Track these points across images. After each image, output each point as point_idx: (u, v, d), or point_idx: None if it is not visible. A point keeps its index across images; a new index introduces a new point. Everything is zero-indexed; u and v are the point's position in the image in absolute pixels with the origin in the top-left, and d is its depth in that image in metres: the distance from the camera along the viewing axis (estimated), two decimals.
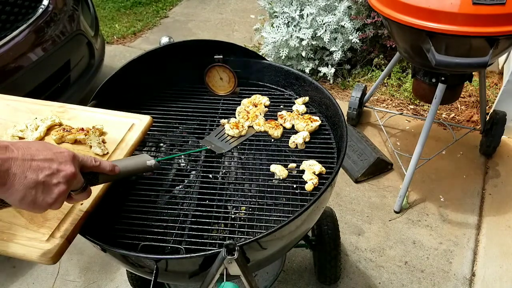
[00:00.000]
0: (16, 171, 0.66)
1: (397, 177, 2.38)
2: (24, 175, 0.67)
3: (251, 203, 1.17)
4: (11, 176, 0.66)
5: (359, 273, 1.91)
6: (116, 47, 3.91)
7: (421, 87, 2.06)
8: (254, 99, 1.45)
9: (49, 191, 0.71)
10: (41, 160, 0.70)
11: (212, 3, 4.63)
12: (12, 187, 0.67)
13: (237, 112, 1.42)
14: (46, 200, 0.71)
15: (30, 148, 0.70)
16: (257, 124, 1.35)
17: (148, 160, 0.95)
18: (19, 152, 0.68)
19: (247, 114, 1.38)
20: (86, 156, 0.81)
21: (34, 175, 0.68)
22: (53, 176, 0.71)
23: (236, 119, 1.39)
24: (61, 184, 0.72)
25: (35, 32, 2.22)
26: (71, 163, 0.74)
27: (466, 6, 1.50)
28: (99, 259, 2.01)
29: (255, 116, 1.38)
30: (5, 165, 0.65)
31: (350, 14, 2.94)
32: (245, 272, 0.94)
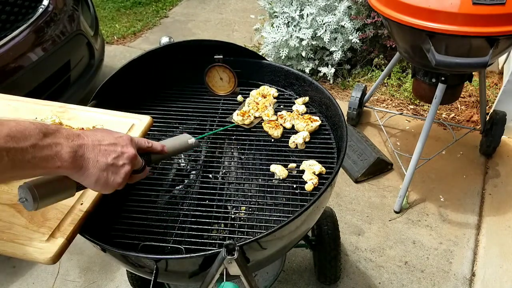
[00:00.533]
0: (90, 155, 0.73)
1: (397, 177, 2.38)
2: (96, 159, 0.74)
3: (251, 203, 1.17)
4: (85, 160, 0.72)
5: (359, 273, 1.91)
6: (116, 47, 3.91)
7: (421, 87, 2.06)
8: (263, 90, 1.47)
9: (117, 171, 0.78)
10: (107, 145, 0.76)
11: (212, 3, 4.63)
12: (88, 170, 0.73)
13: (247, 103, 1.43)
14: (116, 180, 0.78)
15: (96, 134, 0.77)
16: (267, 115, 1.37)
17: (189, 139, 1.03)
18: (89, 139, 0.74)
19: (256, 105, 1.41)
20: (140, 139, 0.88)
21: (104, 158, 0.75)
22: (119, 158, 0.78)
23: (246, 108, 1.42)
24: (126, 165, 0.79)
25: (35, 32, 2.22)
26: (131, 145, 0.81)
27: (466, 6, 1.50)
28: (99, 259, 2.01)
29: (265, 107, 1.40)
30: (81, 150, 0.72)
31: (350, 14, 2.94)
32: (245, 272, 0.94)
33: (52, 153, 0.67)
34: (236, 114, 1.37)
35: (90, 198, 0.99)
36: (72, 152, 0.70)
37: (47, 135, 0.67)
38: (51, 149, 0.67)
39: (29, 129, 0.65)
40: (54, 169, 0.69)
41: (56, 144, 0.68)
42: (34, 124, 0.67)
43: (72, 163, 0.70)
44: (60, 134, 0.70)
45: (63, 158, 0.69)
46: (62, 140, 0.69)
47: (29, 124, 0.66)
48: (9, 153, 0.61)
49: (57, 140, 0.69)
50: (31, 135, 0.65)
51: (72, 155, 0.70)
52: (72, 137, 0.71)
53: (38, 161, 0.65)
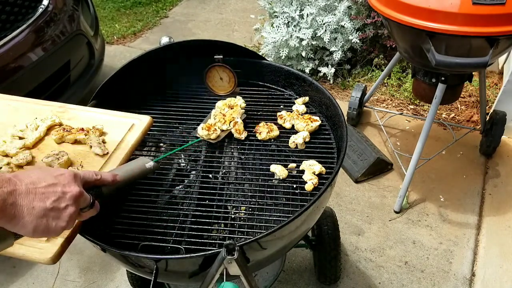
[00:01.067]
0: (23, 202, 0.65)
1: (397, 177, 2.38)
2: (32, 206, 0.66)
3: (251, 203, 1.17)
4: (18, 208, 0.65)
5: (359, 273, 1.91)
6: (116, 47, 3.91)
7: (421, 87, 2.06)
8: (230, 101, 1.40)
9: (60, 215, 0.70)
10: (45, 187, 0.69)
11: (212, 3, 4.63)
12: (22, 219, 0.65)
13: (212, 115, 1.37)
14: (59, 224, 0.70)
15: (31, 177, 0.69)
16: (238, 132, 1.31)
17: (146, 163, 0.95)
18: (22, 183, 0.66)
19: (223, 117, 1.34)
20: (86, 172, 0.81)
21: (42, 203, 0.67)
22: (61, 200, 0.70)
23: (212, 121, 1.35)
24: (69, 206, 0.71)
25: (35, 32, 2.22)
26: (74, 182, 0.74)
27: (466, 6, 1.50)
28: (99, 259, 2.01)
29: (232, 118, 1.33)
30: (11, 198, 0.64)
31: (350, 14, 2.94)
32: (245, 272, 0.94)
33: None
34: (201, 128, 1.29)
35: None
36: (0, 201, 0.62)
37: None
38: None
39: None
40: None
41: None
42: None
43: (1, 213, 0.63)
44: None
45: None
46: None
47: None
48: None
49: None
50: None
51: (1, 204, 0.62)
52: (0, 184, 0.64)
53: None
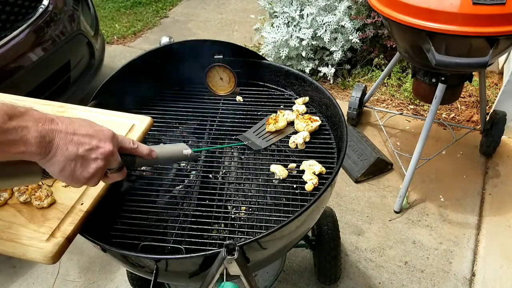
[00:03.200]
0: (59, 142, 0.69)
1: (397, 177, 2.38)
2: (66, 147, 0.70)
3: (251, 203, 1.17)
4: (54, 147, 0.68)
5: (359, 273, 1.91)
6: (116, 47, 3.91)
7: (421, 87, 2.06)
8: None
9: (87, 165, 0.73)
10: (82, 135, 0.72)
11: (212, 3, 4.63)
12: (54, 158, 0.69)
13: None
14: (83, 174, 0.73)
15: (74, 123, 0.72)
16: None
17: (184, 149, 0.96)
18: (63, 125, 0.70)
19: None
20: (125, 138, 0.83)
21: (75, 148, 0.71)
22: (92, 152, 0.73)
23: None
24: (98, 160, 0.74)
25: (35, 32, 2.22)
26: (110, 141, 0.76)
27: (466, 6, 1.50)
28: (99, 259, 2.01)
29: None
30: (50, 136, 0.68)
31: (350, 14, 2.94)
32: (245, 272, 0.94)
33: (17, 137, 0.64)
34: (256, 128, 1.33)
35: (90, 198, 0.99)
36: (39, 137, 0.66)
37: (13, 118, 0.64)
38: (16, 133, 0.64)
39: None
40: (18, 154, 0.65)
41: (22, 128, 0.64)
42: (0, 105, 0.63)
43: (38, 148, 0.66)
44: (29, 117, 0.66)
45: (29, 142, 0.65)
46: (30, 124, 0.65)
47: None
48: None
49: (24, 123, 0.65)
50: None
51: (39, 140, 0.66)
52: (43, 121, 0.67)
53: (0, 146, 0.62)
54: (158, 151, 0.90)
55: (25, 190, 0.99)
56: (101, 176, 0.77)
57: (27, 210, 0.96)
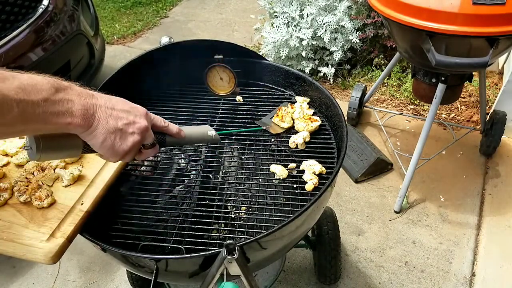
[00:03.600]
0: (100, 116, 0.73)
1: (397, 177, 2.38)
2: (106, 120, 0.74)
3: (251, 203, 1.17)
4: (96, 119, 0.72)
5: (359, 273, 1.91)
6: (116, 47, 3.91)
7: (421, 87, 2.06)
8: None
9: (125, 138, 0.77)
10: (120, 110, 0.76)
11: (212, 3, 4.63)
12: (96, 130, 0.73)
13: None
14: (122, 147, 0.77)
15: (111, 99, 0.77)
16: None
17: (209, 131, 1.01)
18: (102, 100, 0.74)
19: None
20: (156, 116, 0.88)
21: (114, 122, 0.75)
22: (129, 126, 0.77)
23: None
24: (135, 134, 0.78)
25: (35, 32, 2.22)
26: (145, 118, 0.81)
27: (466, 6, 1.50)
28: (99, 259, 2.01)
29: None
30: (92, 109, 0.72)
31: (350, 14, 2.94)
32: (245, 272, 0.94)
33: (63, 109, 0.67)
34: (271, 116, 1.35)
35: (90, 198, 0.99)
36: (83, 110, 0.70)
37: (59, 91, 0.67)
38: (63, 105, 0.67)
39: (41, 83, 0.65)
40: (64, 125, 0.68)
41: (67, 101, 0.68)
42: (46, 79, 0.66)
43: (83, 120, 0.70)
44: (73, 91, 0.70)
45: (74, 114, 0.69)
46: (74, 97, 0.69)
47: (42, 78, 0.66)
48: (20, 104, 0.61)
49: (69, 97, 0.68)
50: (43, 89, 0.64)
51: (83, 112, 0.70)
52: (84, 95, 0.71)
53: (49, 116, 0.65)
54: (186, 131, 0.94)
55: (25, 190, 0.99)
56: (137, 151, 0.81)
57: (27, 210, 0.96)
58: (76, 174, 1.04)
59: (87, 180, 1.04)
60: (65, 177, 1.02)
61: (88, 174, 1.06)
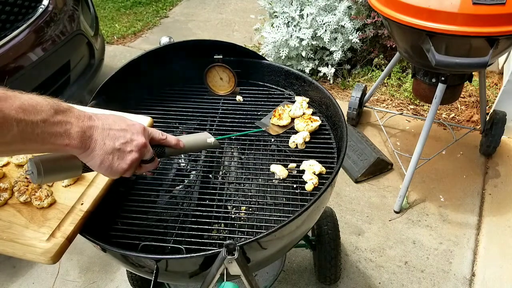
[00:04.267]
0: (97, 137, 0.75)
1: (397, 177, 2.38)
2: (103, 142, 0.76)
3: (251, 203, 1.17)
4: (93, 141, 0.74)
5: (359, 273, 1.91)
6: (116, 47, 3.91)
7: (421, 87, 2.06)
8: None
9: (124, 157, 0.79)
10: (117, 130, 0.78)
11: (212, 3, 4.63)
12: (94, 152, 0.75)
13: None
14: (121, 165, 0.79)
15: (108, 119, 0.79)
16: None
17: (208, 138, 1.02)
18: (99, 122, 0.76)
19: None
20: (154, 130, 0.89)
21: (112, 142, 0.77)
22: (127, 145, 0.79)
23: None
24: (133, 152, 0.80)
25: (35, 32, 2.22)
26: (142, 134, 0.82)
27: (466, 6, 1.50)
28: (99, 259, 2.01)
29: None
30: (90, 131, 0.74)
31: (350, 14, 2.94)
32: (245, 272, 0.94)
33: (62, 130, 0.69)
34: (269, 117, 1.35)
35: (90, 198, 0.99)
36: (80, 132, 0.72)
37: (58, 113, 0.69)
38: (61, 126, 0.69)
39: (41, 104, 0.66)
40: (62, 147, 0.70)
41: (66, 123, 0.70)
42: (46, 100, 0.68)
43: (80, 143, 0.72)
44: (72, 114, 0.71)
45: (72, 136, 0.70)
46: (72, 120, 0.71)
47: (42, 99, 0.67)
48: (19, 124, 0.63)
49: (68, 119, 0.70)
50: (42, 110, 0.66)
51: (81, 134, 0.72)
52: (82, 118, 0.73)
53: (47, 136, 0.67)
54: (184, 141, 0.96)
55: (25, 190, 0.99)
56: (136, 167, 0.83)
57: (27, 210, 0.96)
58: None
59: (87, 180, 1.04)
60: None
61: (88, 174, 1.06)
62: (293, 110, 1.36)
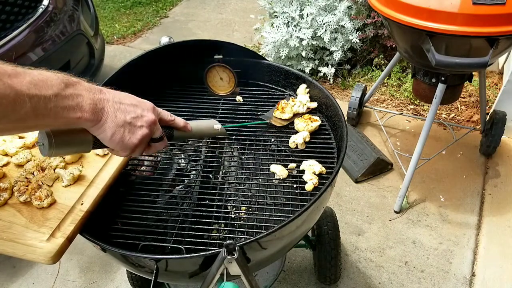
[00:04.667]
0: (109, 110, 0.74)
1: (397, 177, 2.38)
2: (115, 114, 0.75)
3: (251, 203, 1.17)
4: (105, 114, 0.74)
5: (359, 273, 1.91)
6: (116, 47, 3.91)
7: (421, 87, 2.06)
8: None
9: (134, 131, 0.79)
10: (128, 104, 0.78)
11: (212, 3, 4.63)
12: (105, 124, 0.74)
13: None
14: (132, 140, 0.78)
15: (119, 94, 0.78)
16: None
17: (215, 125, 1.02)
18: (110, 95, 0.76)
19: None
20: (163, 111, 0.89)
21: (123, 115, 0.76)
22: (138, 119, 0.79)
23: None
24: (144, 128, 0.80)
25: (35, 32, 2.22)
26: (152, 111, 0.83)
27: (466, 6, 1.50)
28: (99, 259, 2.01)
29: None
30: (101, 103, 0.73)
31: (350, 14, 2.94)
32: (245, 272, 0.94)
33: (74, 103, 0.68)
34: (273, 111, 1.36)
35: (90, 198, 0.99)
36: (92, 104, 0.71)
37: (69, 86, 0.69)
38: (73, 99, 0.68)
39: (51, 78, 0.66)
40: (74, 120, 0.70)
41: (77, 95, 0.69)
42: (56, 74, 0.68)
43: (92, 115, 0.71)
44: (82, 86, 0.71)
45: (84, 109, 0.70)
46: (83, 92, 0.71)
47: (52, 74, 0.67)
48: (32, 99, 0.62)
49: (79, 92, 0.70)
50: (53, 84, 0.66)
51: (92, 107, 0.71)
52: (93, 90, 0.73)
53: (60, 110, 0.67)
54: (192, 125, 0.96)
55: (25, 190, 0.99)
56: (146, 144, 0.83)
57: (27, 210, 0.96)
58: (76, 174, 1.04)
59: (87, 180, 1.04)
60: (65, 177, 1.02)
61: (88, 174, 1.06)
62: (296, 106, 1.36)
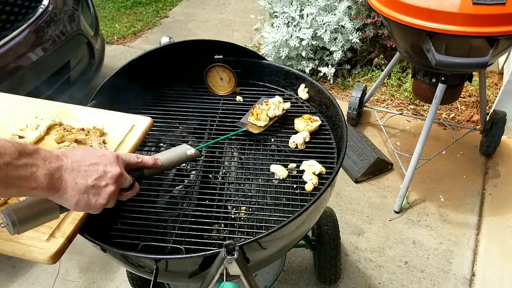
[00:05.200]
0: (68, 178, 0.72)
1: (397, 177, 2.38)
2: (75, 181, 0.73)
3: (251, 203, 1.17)
4: (63, 182, 0.71)
5: (359, 273, 1.91)
6: (116, 47, 3.91)
7: (421, 87, 2.06)
8: None
9: (100, 192, 0.76)
10: (87, 165, 0.75)
11: (212, 3, 4.63)
12: (66, 193, 0.72)
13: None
14: (99, 201, 0.76)
15: (77, 155, 0.75)
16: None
17: (188, 150, 0.98)
18: (68, 160, 0.73)
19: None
20: (128, 155, 0.86)
21: (84, 180, 0.74)
22: (101, 179, 0.76)
23: None
24: (109, 185, 0.77)
25: (35, 32, 2.22)
26: (116, 163, 0.79)
27: (466, 6, 1.50)
28: (99, 259, 2.01)
29: None
30: (58, 173, 0.71)
31: (350, 14, 2.94)
32: (245, 272, 0.94)
33: (27, 173, 0.66)
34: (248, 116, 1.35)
35: None
36: (48, 175, 0.69)
37: (23, 155, 0.67)
38: (26, 169, 0.66)
39: (4, 147, 0.65)
40: (29, 190, 0.68)
41: (32, 165, 0.67)
42: (11, 142, 0.66)
43: (48, 185, 0.69)
44: (38, 155, 0.69)
45: (39, 180, 0.68)
46: (39, 162, 0.68)
47: (6, 142, 0.65)
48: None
49: (34, 161, 0.68)
50: (6, 153, 0.64)
51: (49, 177, 0.69)
52: (50, 159, 0.70)
53: (11, 180, 0.65)
54: (162, 158, 0.92)
55: None
56: (116, 198, 0.80)
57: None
58: None
59: None
60: None
61: None
62: (271, 110, 1.35)
